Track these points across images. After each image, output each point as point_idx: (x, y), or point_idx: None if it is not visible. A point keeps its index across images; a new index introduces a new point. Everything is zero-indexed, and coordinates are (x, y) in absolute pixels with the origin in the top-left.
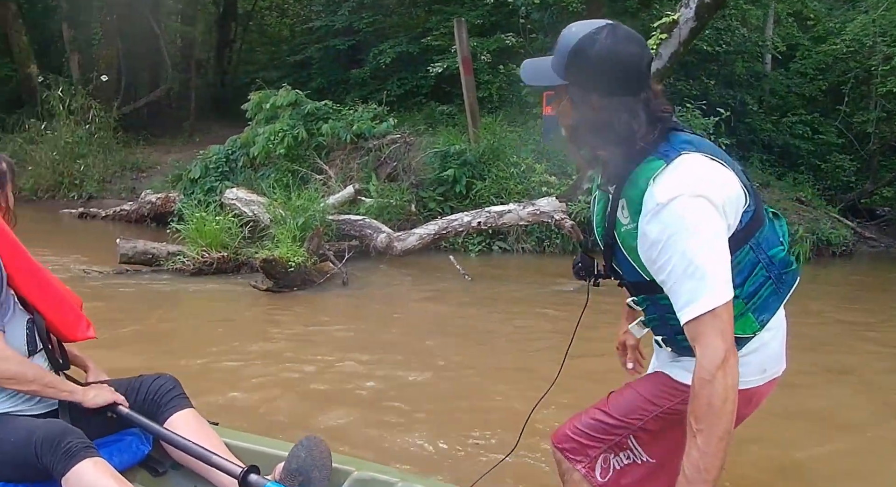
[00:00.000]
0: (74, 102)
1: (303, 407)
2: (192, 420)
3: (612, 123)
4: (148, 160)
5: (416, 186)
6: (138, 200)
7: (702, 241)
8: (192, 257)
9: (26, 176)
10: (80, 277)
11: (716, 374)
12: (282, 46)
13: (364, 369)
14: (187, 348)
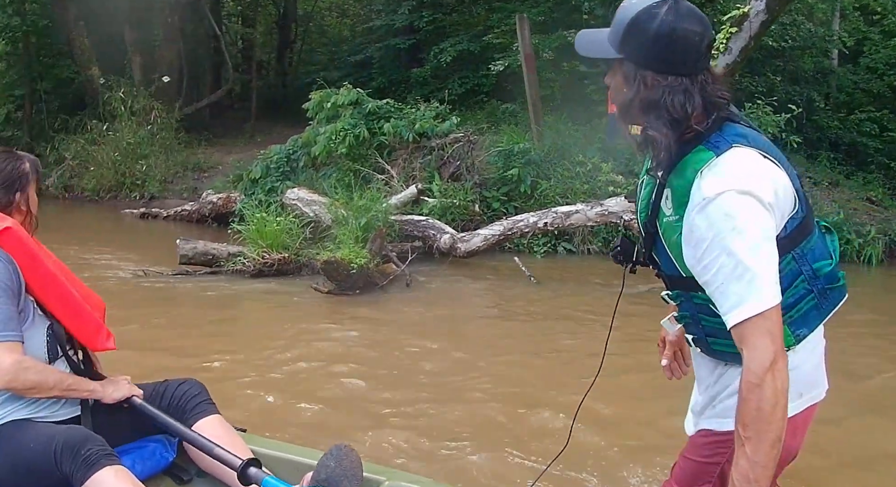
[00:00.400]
0: (136, 103)
1: (354, 418)
2: (218, 427)
3: (665, 103)
4: (209, 160)
5: (480, 186)
6: (199, 200)
7: (750, 241)
8: (252, 258)
9: (88, 176)
10: (138, 278)
11: (764, 378)
12: (342, 46)
13: (424, 379)
14: (242, 351)
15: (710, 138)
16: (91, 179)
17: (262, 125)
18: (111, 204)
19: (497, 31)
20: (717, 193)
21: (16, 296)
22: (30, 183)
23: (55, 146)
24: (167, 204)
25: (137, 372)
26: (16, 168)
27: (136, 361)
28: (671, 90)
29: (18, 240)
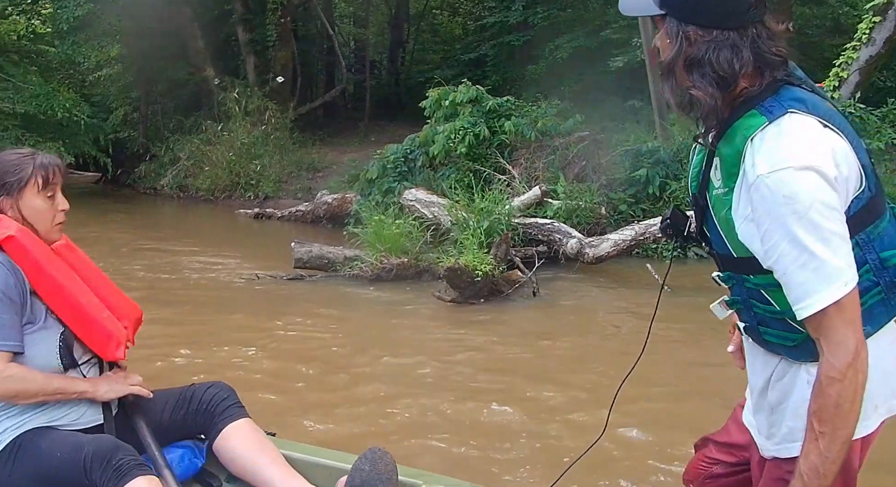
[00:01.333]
0: (250, 104)
1: (487, 440)
2: (248, 431)
3: (709, 60)
4: (324, 160)
5: (606, 187)
6: (314, 201)
7: (814, 224)
8: (370, 263)
9: (203, 176)
10: (251, 282)
11: (846, 372)
12: (454, 45)
13: (551, 400)
14: (362, 360)
15: (765, 102)
16: (206, 179)
17: (375, 125)
18: (225, 203)
19: (615, 27)
20: (771, 170)
21: (16, 304)
22: (25, 188)
23: (170, 146)
24: (281, 204)
25: (245, 378)
26: (10, 169)
27: (242, 367)
28: (716, 45)
29: (20, 247)
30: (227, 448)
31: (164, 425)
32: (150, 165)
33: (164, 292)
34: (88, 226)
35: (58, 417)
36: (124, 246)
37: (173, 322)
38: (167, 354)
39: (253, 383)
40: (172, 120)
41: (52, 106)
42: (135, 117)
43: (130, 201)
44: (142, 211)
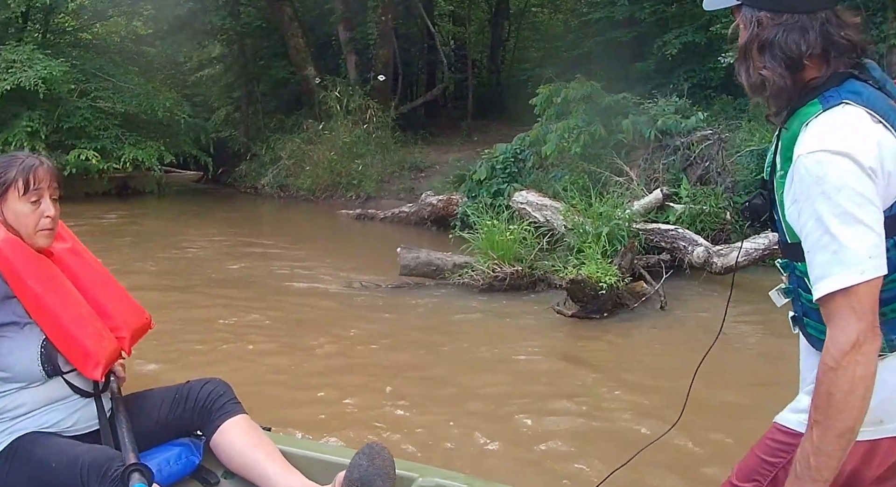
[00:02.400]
0: (352, 103)
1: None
2: (245, 427)
3: (780, 41)
4: (426, 160)
5: (729, 190)
6: (418, 202)
7: (839, 207)
8: (481, 271)
9: (304, 175)
10: (355, 290)
11: (841, 361)
12: (555, 42)
13: (694, 429)
14: (464, 379)
15: (826, 92)
16: (306, 178)
17: (477, 124)
18: (326, 203)
19: (725, 21)
20: (808, 151)
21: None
22: (7, 192)
23: (271, 145)
24: (383, 204)
25: (339, 398)
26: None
27: (336, 382)
28: (786, 28)
29: (2, 258)
30: (224, 444)
31: (161, 422)
32: (251, 164)
33: (258, 300)
34: (189, 224)
35: (52, 422)
36: (222, 247)
37: (264, 333)
38: (259, 372)
39: (349, 405)
40: (273, 119)
41: (153, 105)
42: (236, 117)
43: (231, 200)
44: (242, 210)
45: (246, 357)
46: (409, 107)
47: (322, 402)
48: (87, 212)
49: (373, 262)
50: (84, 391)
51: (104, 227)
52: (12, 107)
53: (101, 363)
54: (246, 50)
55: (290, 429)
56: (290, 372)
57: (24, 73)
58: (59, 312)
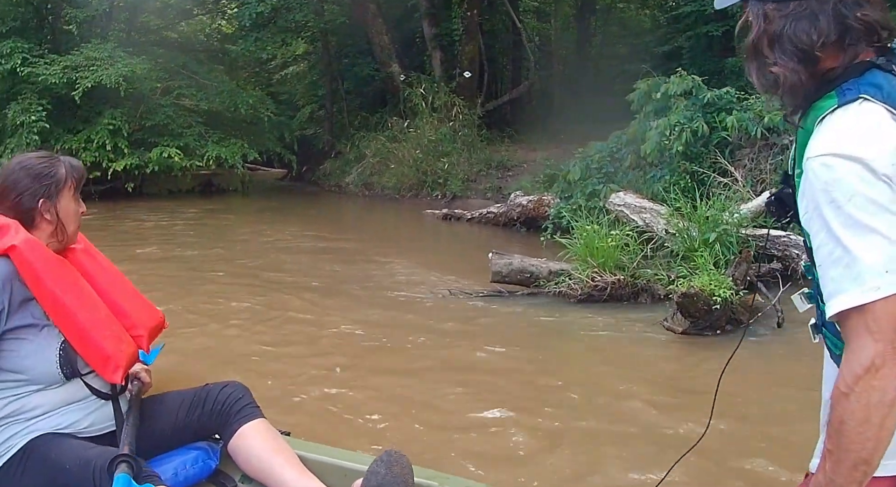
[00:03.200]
0: (437, 100)
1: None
2: (263, 431)
3: (788, 33)
4: (513, 158)
5: None
6: (507, 203)
7: (851, 217)
8: (579, 279)
9: (389, 174)
10: (443, 298)
11: (855, 386)
12: (643, 38)
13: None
14: (560, 397)
15: (845, 84)
16: (391, 177)
17: (564, 121)
18: (411, 202)
19: None
20: (818, 154)
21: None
22: (62, 190)
23: (355, 143)
24: (470, 204)
25: (430, 421)
26: (46, 173)
27: (433, 406)
28: (794, 17)
29: (22, 260)
30: (242, 448)
31: (179, 425)
32: (336, 162)
33: (338, 305)
34: (273, 222)
35: (67, 423)
36: (305, 248)
37: (340, 340)
38: (325, 380)
39: (438, 432)
40: (358, 117)
41: (236, 102)
42: (320, 114)
43: (315, 198)
44: (326, 209)
45: (318, 363)
46: (496, 104)
47: (393, 418)
48: (169, 209)
49: (461, 267)
50: (102, 393)
51: (184, 225)
52: (95, 105)
53: (122, 366)
54: (330, 47)
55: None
56: (358, 382)
57: (106, 70)
58: (78, 315)
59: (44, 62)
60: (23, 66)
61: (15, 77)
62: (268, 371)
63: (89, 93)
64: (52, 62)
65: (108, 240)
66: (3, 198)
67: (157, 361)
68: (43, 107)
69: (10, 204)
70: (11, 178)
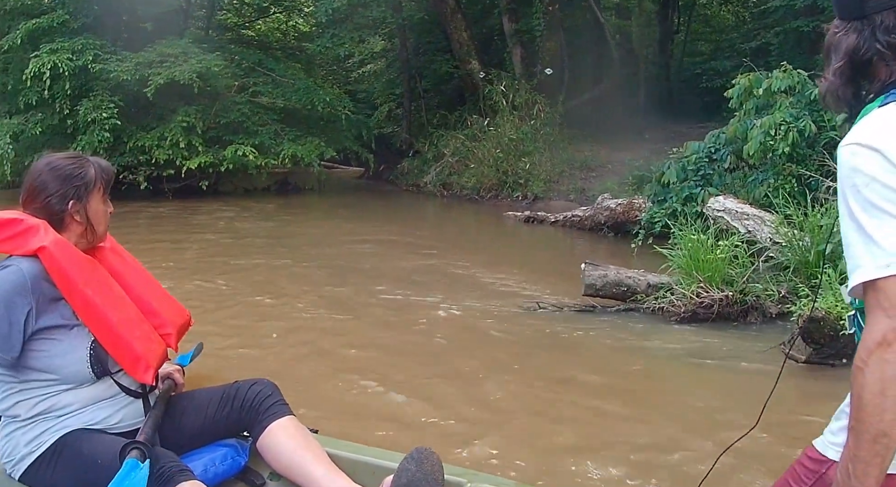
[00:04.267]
0: (518, 97)
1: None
2: (292, 429)
3: (832, 49)
4: (596, 158)
5: None
6: (594, 206)
7: (867, 201)
8: (683, 295)
9: (468, 174)
10: (530, 311)
11: (868, 360)
12: (729, 34)
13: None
14: (663, 454)
15: (893, 90)
16: (471, 177)
17: (648, 120)
18: (491, 203)
19: None
20: (845, 143)
21: (17, 313)
22: (91, 191)
23: (434, 142)
24: (552, 206)
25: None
26: (76, 174)
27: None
28: (840, 34)
29: (51, 260)
30: (271, 445)
31: (208, 423)
32: (414, 162)
33: (413, 312)
34: (349, 222)
35: (98, 419)
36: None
37: (415, 349)
38: (396, 388)
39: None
40: (436, 115)
41: (313, 100)
42: (398, 113)
43: (392, 198)
44: (404, 209)
45: (388, 370)
46: (578, 101)
47: (459, 436)
48: (242, 207)
49: (548, 275)
50: (133, 391)
51: (255, 224)
52: (170, 103)
53: (152, 366)
54: (408, 44)
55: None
56: (432, 397)
57: (179, 67)
58: (108, 315)
59: (116, 59)
60: (94, 63)
61: (87, 74)
62: (331, 372)
63: (163, 90)
64: (125, 59)
65: (170, 236)
66: (33, 199)
67: (209, 360)
68: (115, 104)
69: (39, 205)
70: (40, 179)
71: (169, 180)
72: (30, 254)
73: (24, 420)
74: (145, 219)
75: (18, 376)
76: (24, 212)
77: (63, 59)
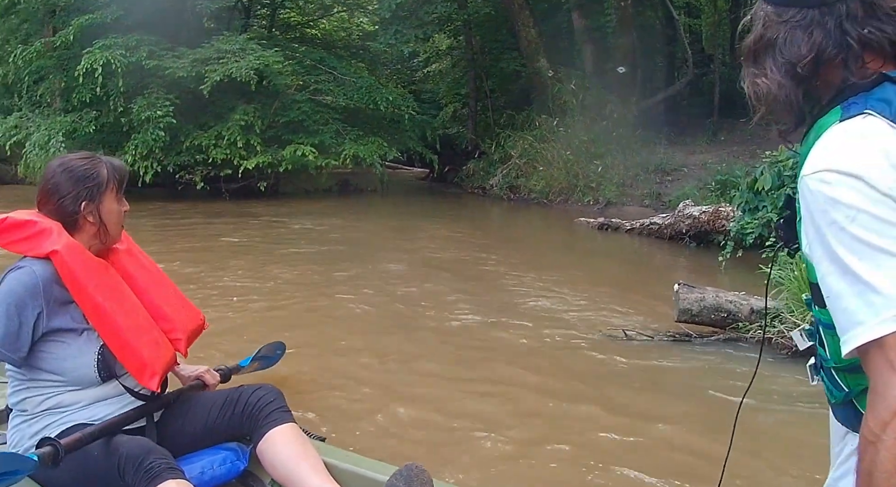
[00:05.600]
0: (588, 97)
1: None
2: (291, 436)
3: (780, 43)
4: (672, 161)
5: None
6: (674, 213)
7: (858, 239)
8: (793, 323)
9: (536, 176)
10: (614, 340)
11: (882, 433)
12: None
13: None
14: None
15: (854, 97)
16: (539, 180)
17: (722, 122)
18: (561, 208)
19: None
20: (814, 171)
21: (27, 314)
22: (104, 192)
23: (500, 143)
24: (626, 212)
25: None
26: (88, 175)
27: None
28: (790, 26)
29: (63, 264)
30: (269, 452)
31: (210, 426)
32: (479, 163)
33: (475, 334)
34: (411, 227)
35: (101, 416)
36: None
37: (468, 372)
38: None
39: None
40: (503, 115)
41: (376, 99)
42: (463, 113)
43: (457, 201)
44: (469, 213)
45: (442, 401)
46: (651, 101)
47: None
48: (300, 209)
49: (627, 292)
50: (140, 394)
51: (315, 227)
52: (228, 101)
53: (158, 373)
54: (474, 42)
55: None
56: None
57: (236, 63)
58: (117, 321)
59: (172, 55)
60: (148, 59)
61: (142, 71)
62: (382, 394)
63: (220, 87)
64: (182, 55)
65: (221, 236)
66: (47, 200)
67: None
68: (171, 102)
69: (52, 207)
70: (53, 181)
71: (226, 180)
72: (42, 257)
73: (31, 415)
74: (201, 220)
75: (28, 374)
76: (39, 214)
77: (116, 56)
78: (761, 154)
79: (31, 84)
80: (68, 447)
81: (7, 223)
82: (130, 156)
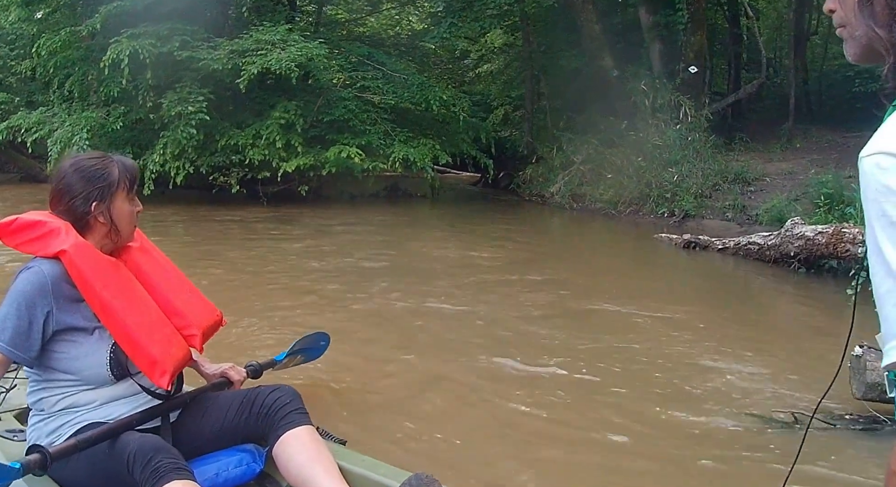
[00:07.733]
0: (660, 98)
1: None
2: (306, 439)
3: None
4: (751, 170)
5: None
6: (781, 232)
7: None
8: None
9: (604, 185)
10: (775, 424)
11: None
12: None
13: None
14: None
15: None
16: (607, 188)
17: (797, 128)
18: (631, 219)
19: None
20: (868, 153)
21: (37, 313)
22: (115, 192)
23: (561, 147)
24: (706, 226)
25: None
26: (99, 175)
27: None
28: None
29: (71, 264)
30: (283, 455)
31: (227, 427)
32: (538, 169)
33: (542, 402)
34: (464, 238)
35: (116, 415)
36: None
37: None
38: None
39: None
40: (563, 117)
41: (427, 98)
42: (518, 115)
43: (514, 210)
44: (530, 223)
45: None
46: (723, 104)
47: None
48: (344, 216)
49: (754, 342)
50: (154, 392)
51: (358, 236)
52: (267, 97)
53: (168, 371)
54: (531, 38)
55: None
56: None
57: (276, 55)
58: (126, 319)
59: (208, 46)
60: (181, 50)
61: (174, 63)
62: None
63: (260, 83)
64: (218, 46)
65: (259, 243)
66: (58, 201)
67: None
68: (204, 97)
69: (64, 207)
70: (64, 181)
71: (264, 183)
72: (52, 256)
73: (48, 414)
74: (237, 227)
75: (43, 374)
76: (50, 214)
77: (145, 45)
78: (847, 162)
79: (62, 78)
80: (57, 454)
81: (17, 224)
82: (160, 155)
